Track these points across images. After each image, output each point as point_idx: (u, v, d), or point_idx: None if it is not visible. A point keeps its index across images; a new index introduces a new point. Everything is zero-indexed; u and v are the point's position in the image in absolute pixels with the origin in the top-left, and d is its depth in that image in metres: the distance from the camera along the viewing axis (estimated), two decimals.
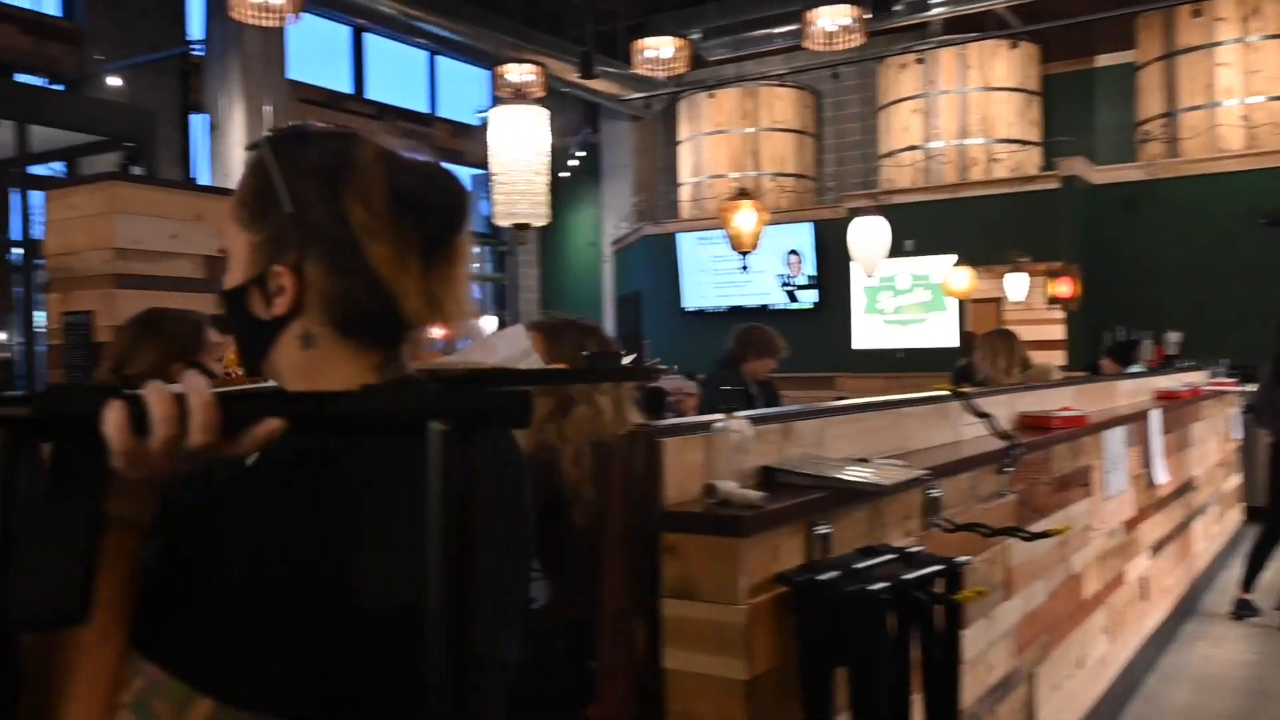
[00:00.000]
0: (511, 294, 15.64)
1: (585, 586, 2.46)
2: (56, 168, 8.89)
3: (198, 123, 10.99)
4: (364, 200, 0.98)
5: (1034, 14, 11.40)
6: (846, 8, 8.15)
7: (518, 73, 9.86)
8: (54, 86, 9.49)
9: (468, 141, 15.07)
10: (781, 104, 13.48)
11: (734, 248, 6.14)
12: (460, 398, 0.75)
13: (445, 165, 1.05)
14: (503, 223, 3.64)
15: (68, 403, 0.79)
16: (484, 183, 17.38)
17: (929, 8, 11.43)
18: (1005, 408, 3.63)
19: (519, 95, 3.86)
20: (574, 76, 11.66)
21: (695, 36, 10.75)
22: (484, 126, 15.26)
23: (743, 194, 6.22)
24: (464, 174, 17.62)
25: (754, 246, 6.12)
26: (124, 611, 0.88)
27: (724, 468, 2.13)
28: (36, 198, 7.71)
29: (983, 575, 2.86)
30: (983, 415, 3.21)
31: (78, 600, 0.79)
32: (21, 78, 9.41)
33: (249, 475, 0.95)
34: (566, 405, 2.48)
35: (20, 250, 7.73)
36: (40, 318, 7.65)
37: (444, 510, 0.72)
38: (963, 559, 2.23)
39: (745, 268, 6.26)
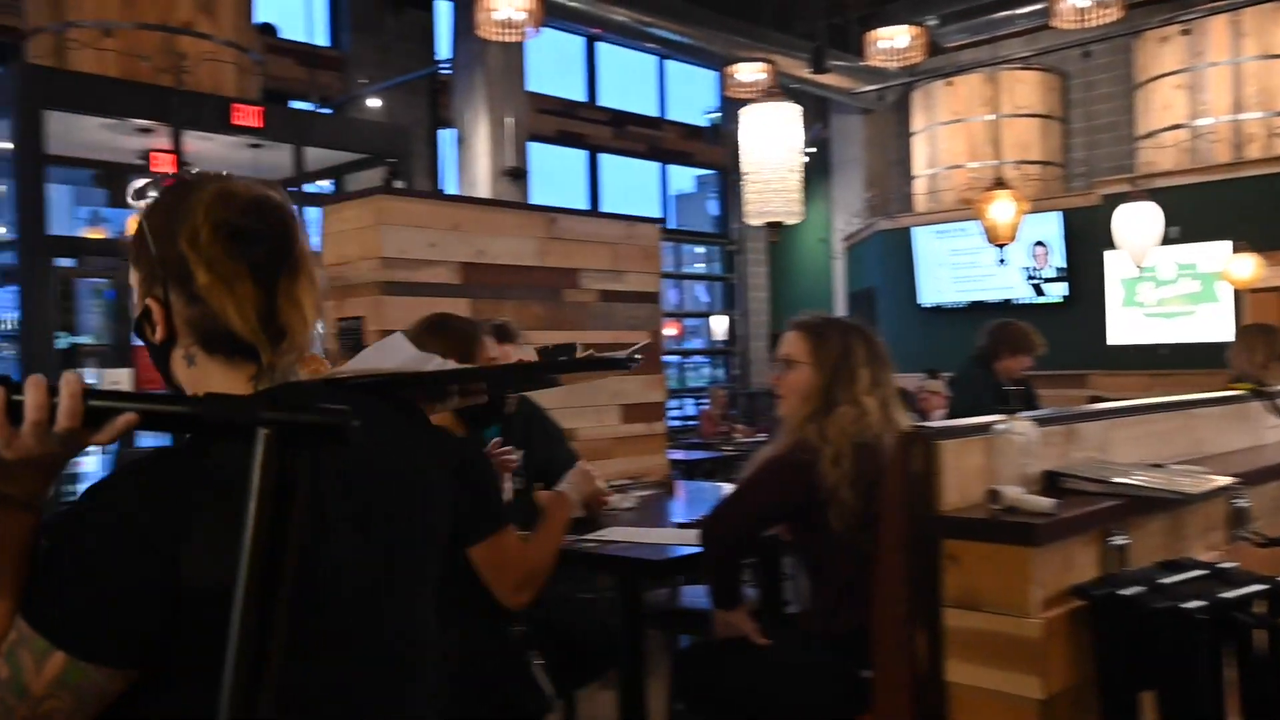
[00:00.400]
0: (740, 293, 15.63)
1: (844, 593, 2.39)
2: (324, 185, 9.63)
3: (445, 137, 11.64)
4: (190, 236, 1.14)
5: None
6: None
7: (748, 72, 9.84)
8: (323, 110, 10.29)
9: (697, 143, 15.19)
10: (1024, 88, 12.77)
11: (990, 240, 5.84)
12: (284, 411, 0.89)
13: (272, 195, 1.21)
14: (755, 221, 3.61)
15: None
16: (714, 183, 17.43)
17: None
18: None
19: (769, 93, 3.81)
20: (804, 72, 11.51)
21: (931, 23, 10.37)
22: (713, 128, 15.31)
23: (999, 184, 5.90)
24: (692, 175, 17.83)
25: (1012, 238, 5.80)
26: (15, 582, 1.04)
27: (1007, 472, 2.01)
28: (310, 214, 8.39)
29: None
30: None
31: None
32: (295, 104, 10.26)
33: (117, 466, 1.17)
34: (829, 405, 2.41)
35: None
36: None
37: (260, 504, 0.86)
38: None
39: (1003, 260, 5.95)
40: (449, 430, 1.96)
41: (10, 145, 6.98)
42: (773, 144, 3.53)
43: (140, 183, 7.60)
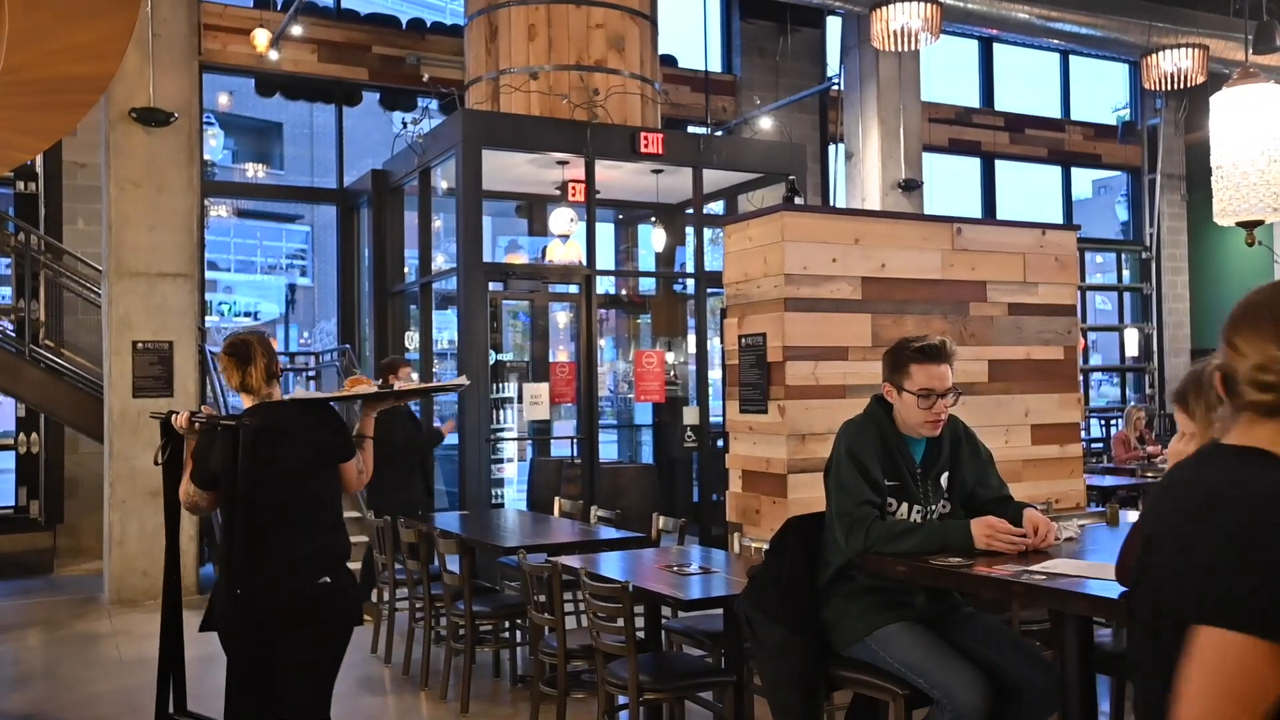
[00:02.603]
0: (1155, 305, 14.15)
1: None
2: (715, 207, 9.98)
3: (833, 153, 11.63)
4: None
5: None
6: None
7: (1172, 60, 8.90)
8: (717, 134, 10.67)
9: (1106, 143, 14.01)
10: None
11: None
12: (235, 419, 3.26)
13: (238, 337, 3.51)
14: (1225, 221, 3.21)
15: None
16: (1121, 186, 15.96)
17: None
18: None
19: (1246, 73, 3.36)
20: (1241, 54, 10.20)
21: None
22: (1124, 125, 14.00)
23: None
24: (1090, 178, 16.23)
25: None
26: None
27: None
28: (706, 234, 8.71)
29: None
30: None
31: None
32: (693, 129, 10.74)
33: None
34: None
35: (691, 280, 8.78)
36: (714, 342, 8.61)
37: (230, 448, 3.23)
38: None
39: None
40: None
41: (453, 184, 7.92)
42: (1249, 132, 3.10)
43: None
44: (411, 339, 9.30)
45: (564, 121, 7.86)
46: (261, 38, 9.18)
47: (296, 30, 9.50)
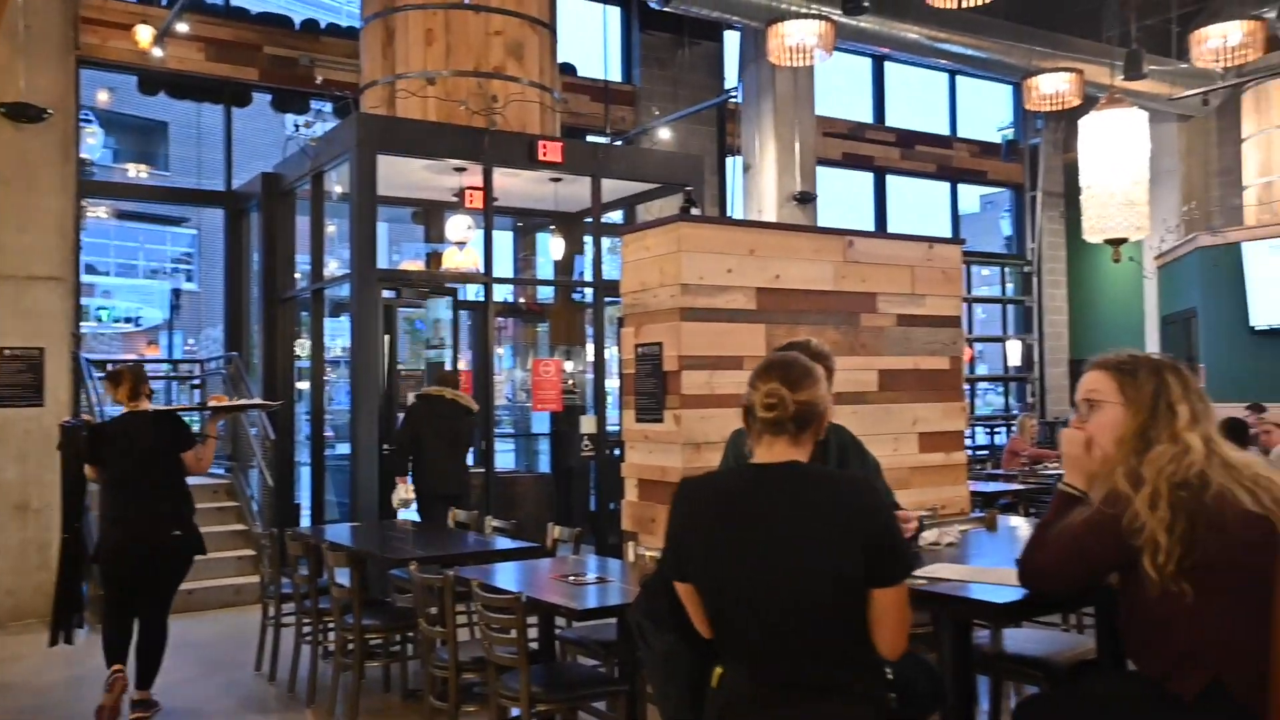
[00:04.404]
0: (1036, 317, 14.72)
1: (1186, 651, 2.12)
2: (614, 216, 10.00)
3: (730, 165, 11.79)
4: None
5: None
6: None
7: (1051, 83, 9.27)
8: (616, 143, 10.70)
9: (990, 161, 14.52)
10: None
11: None
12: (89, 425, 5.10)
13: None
14: (1094, 238, 3.35)
15: None
16: (1005, 202, 16.57)
17: None
18: None
19: (1111, 99, 3.52)
20: (1114, 80, 10.71)
21: (1269, 15, 9.33)
22: (1007, 144, 14.56)
23: None
24: (978, 194, 16.89)
25: None
26: None
27: None
28: (605, 243, 8.71)
29: None
30: None
31: None
32: (592, 138, 10.74)
33: None
34: (1146, 445, 2.19)
35: (590, 289, 8.77)
36: (611, 350, 8.61)
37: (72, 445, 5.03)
38: None
39: None
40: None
41: (347, 188, 7.75)
42: (1116, 154, 3.25)
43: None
44: (303, 346, 9.06)
45: (462, 128, 7.78)
46: (144, 34, 8.85)
47: (182, 27, 9.19)
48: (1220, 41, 7.83)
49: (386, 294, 8.26)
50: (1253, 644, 2.01)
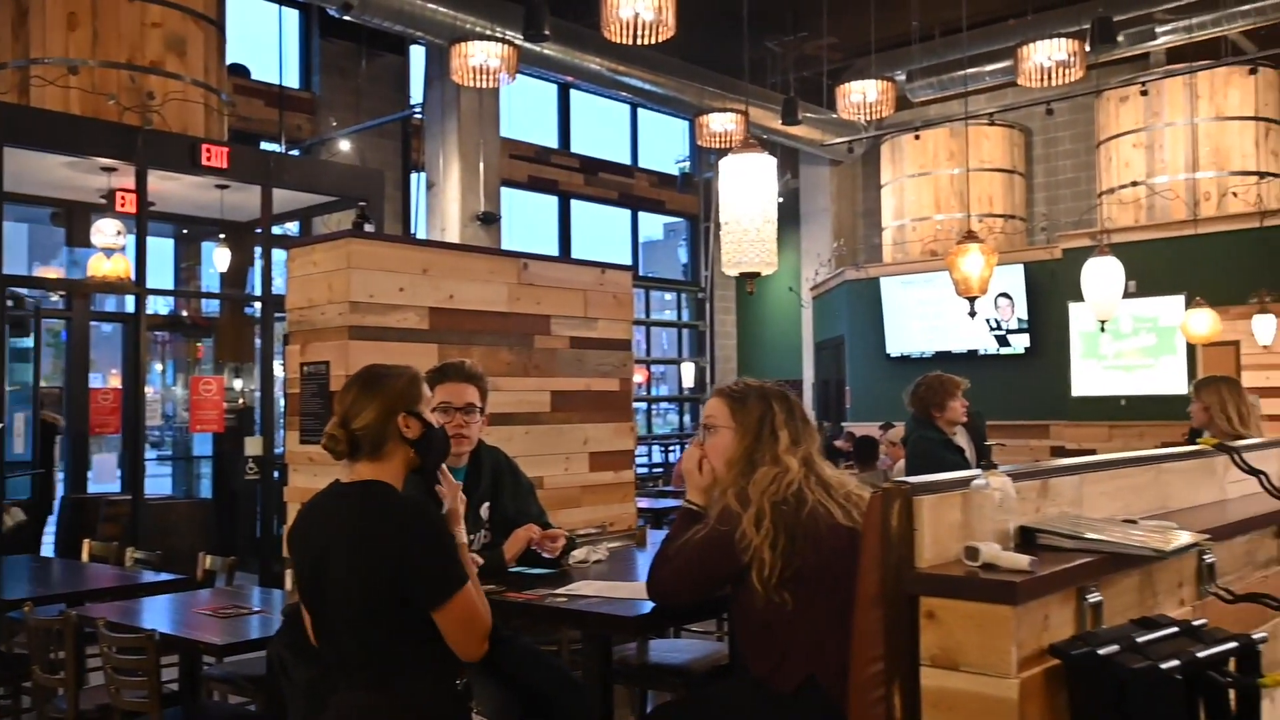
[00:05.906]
0: (709, 341, 15.66)
1: (784, 652, 2.35)
2: (290, 228, 9.56)
3: (415, 181, 11.64)
4: None
5: (1275, 38, 10.57)
6: (1064, 42, 7.80)
7: (720, 122, 9.93)
8: (292, 152, 10.25)
9: (668, 191, 15.30)
10: (989, 143, 13.01)
11: (960, 292, 5.88)
12: None
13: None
14: (731, 271, 3.61)
15: None
16: (683, 231, 17.47)
17: (1155, 37, 10.81)
18: (1276, 463, 3.28)
19: (746, 144, 3.83)
20: (775, 124, 11.65)
21: (900, 78, 10.54)
22: (683, 176, 15.39)
23: (970, 236, 5.95)
24: (661, 222, 17.90)
25: (983, 291, 5.85)
26: None
27: (983, 528, 1.99)
28: (276, 255, 8.31)
29: (1272, 654, 2.56)
30: (1255, 472, 2.90)
31: None
32: (266, 145, 10.22)
33: None
34: (752, 467, 2.42)
35: (259, 304, 8.32)
36: (279, 368, 8.19)
37: None
38: (1259, 635, 1.99)
39: (973, 313, 5.98)
40: None
41: None
42: (750, 194, 3.53)
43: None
44: None
45: (111, 124, 7.13)
46: None
47: None
48: (861, 97, 8.73)
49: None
50: (839, 642, 2.24)
